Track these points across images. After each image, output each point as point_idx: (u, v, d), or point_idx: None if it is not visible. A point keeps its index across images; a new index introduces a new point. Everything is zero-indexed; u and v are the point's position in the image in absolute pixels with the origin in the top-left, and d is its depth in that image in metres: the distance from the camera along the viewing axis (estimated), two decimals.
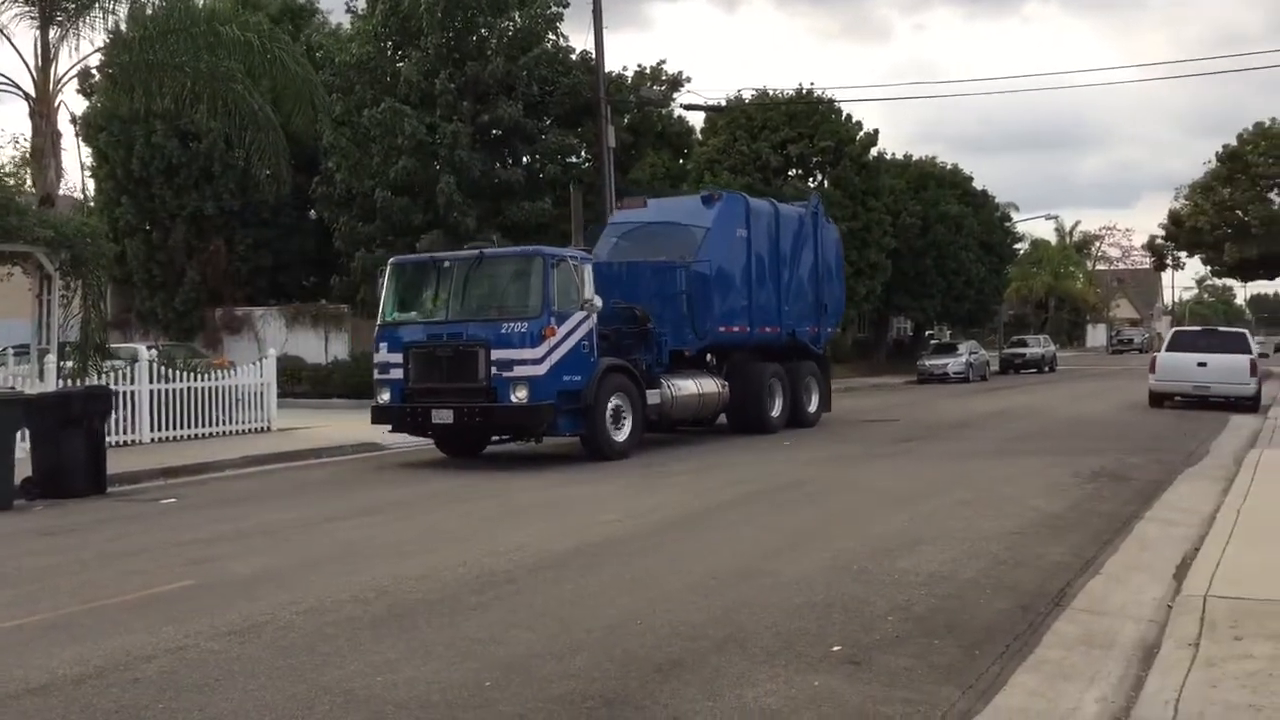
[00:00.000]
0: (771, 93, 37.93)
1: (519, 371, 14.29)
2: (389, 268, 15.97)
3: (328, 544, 9.43)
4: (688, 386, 17.42)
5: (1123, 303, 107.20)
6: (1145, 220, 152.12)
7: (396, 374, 15.06)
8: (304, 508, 11.62)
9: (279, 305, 28.32)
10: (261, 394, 19.08)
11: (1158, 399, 24.48)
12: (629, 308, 16.65)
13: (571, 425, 15.02)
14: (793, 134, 36.28)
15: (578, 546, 8.99)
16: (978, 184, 52.29)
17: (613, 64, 31.99)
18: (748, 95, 37.64)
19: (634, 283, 17.11)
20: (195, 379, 18.09)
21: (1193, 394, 23.92)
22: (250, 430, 18.79)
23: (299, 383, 25.39)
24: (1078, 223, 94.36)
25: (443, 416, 14.66)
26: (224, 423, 18.37)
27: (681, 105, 26.56)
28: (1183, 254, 48.44)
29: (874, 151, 38.04)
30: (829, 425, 20.48)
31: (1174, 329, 28.41)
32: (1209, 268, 48.27)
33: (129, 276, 28.58)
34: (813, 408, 20.51)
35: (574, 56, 25.85)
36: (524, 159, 25.37)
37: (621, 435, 15.53)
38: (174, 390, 17.59)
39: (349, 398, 24.41)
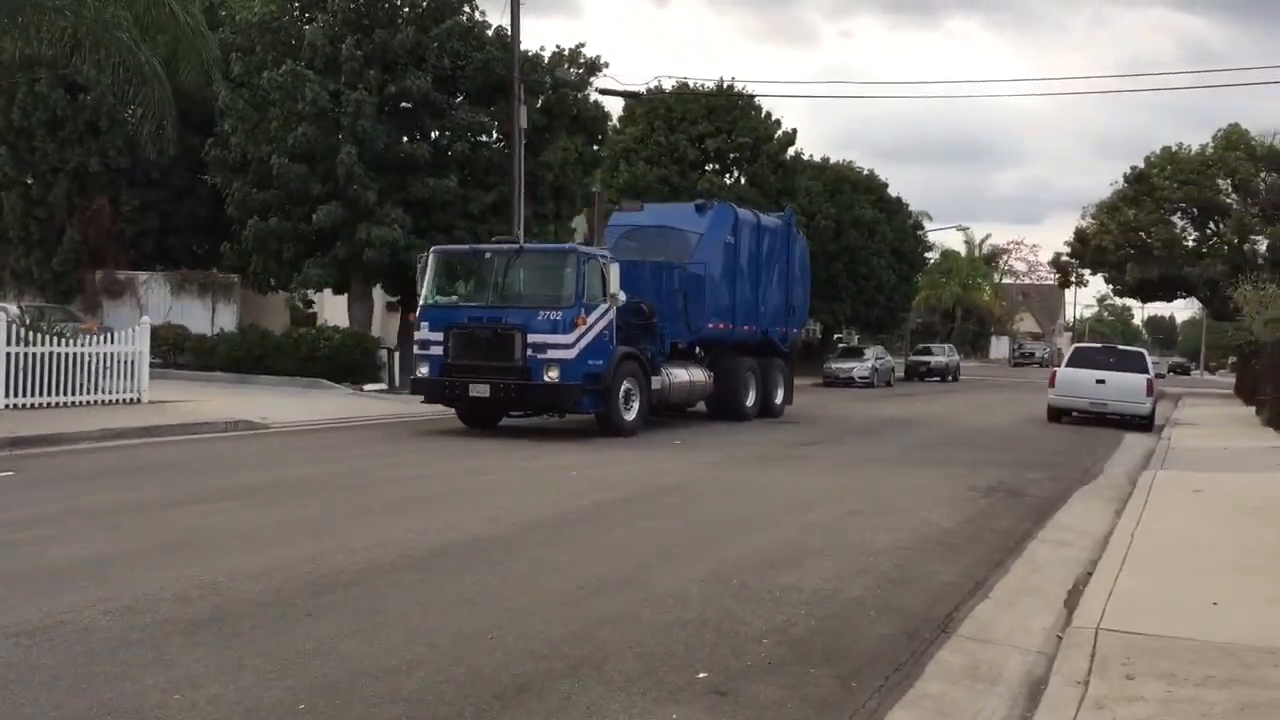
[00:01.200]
0: (692, 85, 37.49)
1: (552, 354, 15.99)
2: (432, 255, 17.44)
3: (167, 530, 8.61)
4: (682, 375, 19.19)
5: (1026, 316, 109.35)
6: (1052, 237, 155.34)
7: (436, 350, 16.62)
8: (154, 488, 10.73)
9: (165, 271, 26.97)
10: (133, 363, 17.98)
11: (1056, 414, 24.56)
12: (637, 302, 17.93)
13: (592, 404, 16.76)
14: (711, 128, 35.88)
15: (444, 545, 8.33)
16: (892, 191, 52.69)
17: (532, 44, 31.14)
18: (668, 86, 37.18)
19: (636, 280, 18.02)
20: (60, 344, 16.94)
21: (1090, 410, 24.05)
22: (119, 401, 17.69)
23: (182, 354, 24.21)
24: (988, 236, 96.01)
25: (479, 390, 16.32)
26: (90, 392, 17.24)
27: (598, 90, 25.91)
28: (1086, 271, 49.18)
29: (791, 151, 37.80)
30: (726, 426, 20.05)
31: (1074, 345, 28.64)
32: (1111, 286, 49.10)
33: (4, 232, 26.99)
34: (779, 400, 22.45)
35: (490, 32, 24.99)
36: (432, 134, 24.42)
37: (631, 415, 17.30)
38: (35, 354, 16.43)
39: (234, 371, 23.32)
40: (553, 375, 16.01)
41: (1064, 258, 49.58)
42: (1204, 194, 44.18)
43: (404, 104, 24.22)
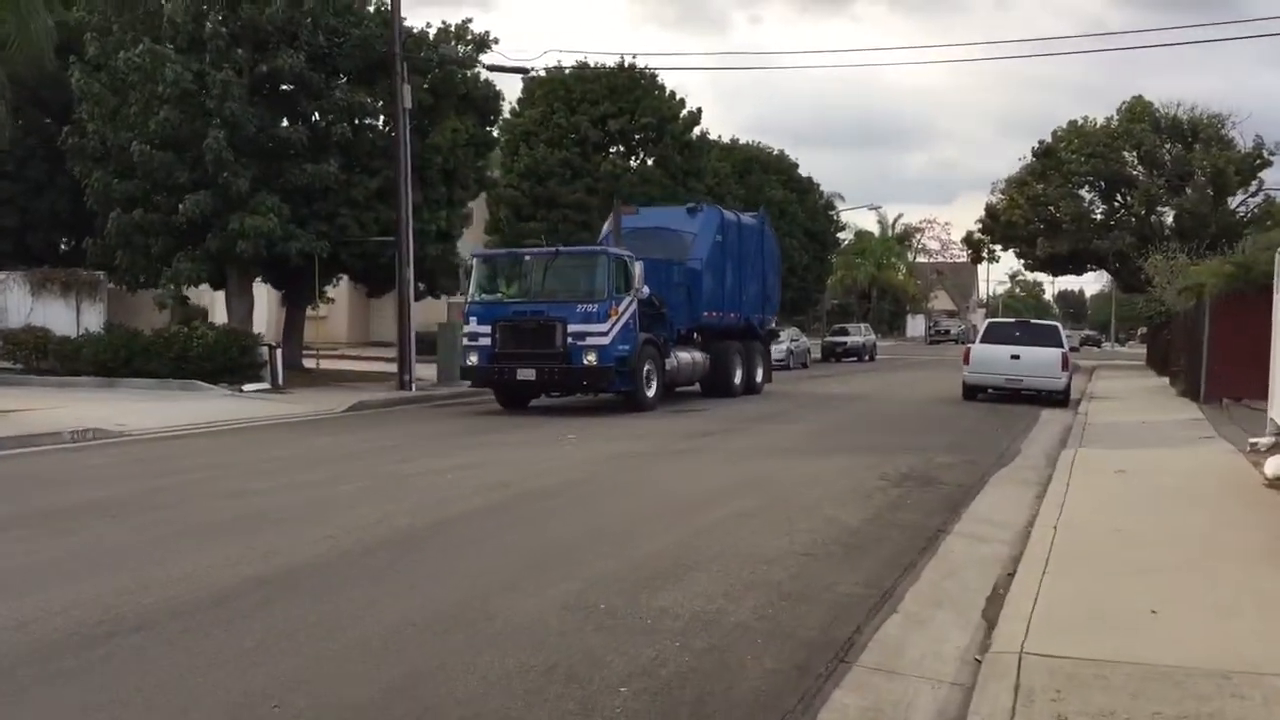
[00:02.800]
0: (593, 65, 36.22)
1: (590, 341, 18.55)
2: (475, 260, 20.31)
3: None
4: (686, 358, 21.71)
5: (941, 294, 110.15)
6: (964, 216, 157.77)
7: (485, 342, 19.08)
8: None
9: (25, 270, 25.02)
10: None
11: (971, 391, 23.87)
12: (650, 295, 19.99)
13: (622, 383, 19.14)
14: (613, 108, 34.69)
15: (264, 575, 7.06)
16: (803, 171, 52.10)
17: (417, 21, 29.39)
18: (567, 65, 35.91)
19: (646, 275, 19.69)
20: None
21: (1005, 387, 23.38)
22: None
23: (44, 358, 22.37)
24: (900, 215, 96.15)
25: (526, 374, 18.86)
26: None
27: (485, 66, 24.52)
28: (998, 247, 48.96)
29: (697, 130, 36.72)
30: (629, 415, 18.94)
31: (988, 320, 28.00)
32: (1022, 261, 48.91)
33: None
34: (759, 379, 25.04)
35: (370, 7, 23.51)
36: (313, 117, 22.85)
37: (651, 392, 19.84)
38: None
39: (102, 375, 21.58)
40: (591, 359, 18.49)
41: (975, 235, 49.29)
42: (1110, 166, 44.09)
43: (280, 85, 22.64)
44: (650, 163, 35.73)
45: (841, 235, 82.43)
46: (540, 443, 14.81)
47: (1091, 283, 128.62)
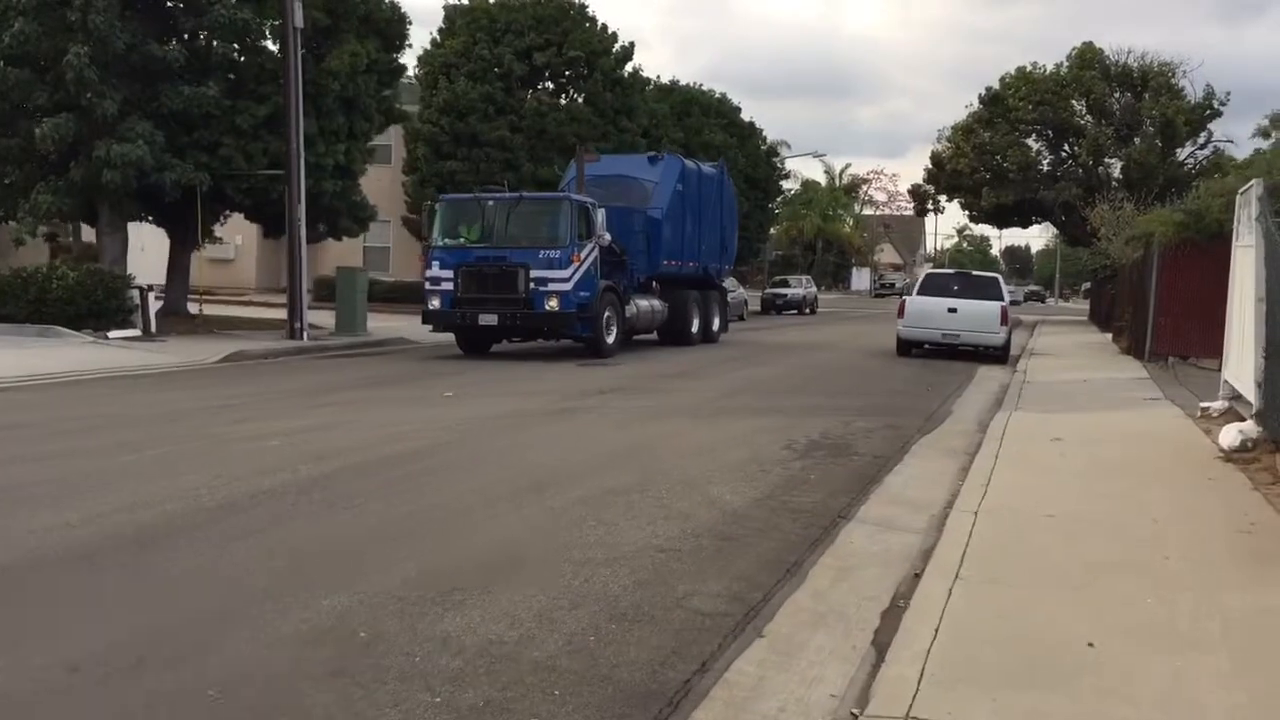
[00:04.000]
0: None
1: (552, 287, 18.50)
2: (441, 203, 20.07)
3: None
4: (645, 305, 21.82)
5: (887, 248, 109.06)
6: (913, 169, 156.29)
7: (447, 286, 19.02)
8: None
9: None
10: None
11: (905, 346, 22.48)
12: (611, 243, 19.87)
13: (583, 329, 19.14)
14: (539, 40, 32.60)
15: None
16: (747, 117, 50.25)
17: None
18: None
19: (608, 223, 19.63)
20: None
21: (941, 343, 21.99)
22: None
23: None
24: (848, 165, 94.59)
25: (488, 319, 18.83)
26: None
27: None
28: (943, 197, 47.56)
29: (630, 67, 34.75)
30: (537, 368, 17.28)
31: (926, 271, 26.60)
32: (967, 212, 47.53)
33: None
34: (716, 328, 25.34)
35: None
36: (199, 36, 20.66)
37: (611, 339, 19.87)
38: None
39: None
40: (553, 305, 18.46)
41: (921, 186, 47.89)
42: (1059, 115, 42.71)
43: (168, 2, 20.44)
44: (580, 99, 33.72)
45: (787, 185, 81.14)
46: (414, 401, 13.10)
47: (1037, 237, 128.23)
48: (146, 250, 32.54)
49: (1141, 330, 20.81)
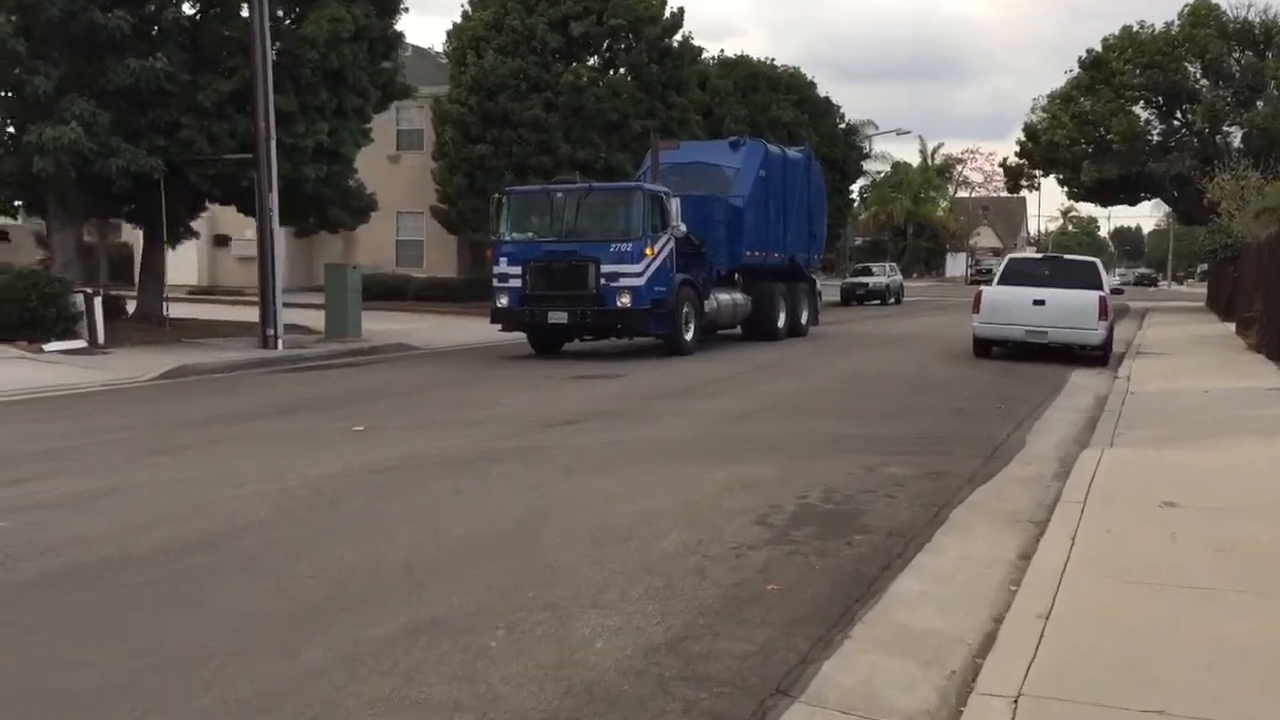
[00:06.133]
0: None
1: (624, 282, 17.41)
2: (507, 197, 18.75)
3: None
4: (726, 299, 20.59)
5: (986, 231, 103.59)
6: (1014, 148, 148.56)
7: (515, 283, 17.95)
8: None
9: None
10: None
11: (982, 346, 18.85)
12: (687, 233, 18.69)
13: (659, 326, 18.12)
14: (577, 8, 29.46)
15: None
16: (828, 95, 46.59)
17: None
18: None
19: (683, 213, 18.40)
20: None
21: (1027, 340, 18.32)
22: None
23: None
24: (940, 145, 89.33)
25: (558, 317, 17.77)
26: None
27: None
28: (1038, 173, 43.16)
29: (679, 36, 31.40)
30: (512, 381, 14.22)
31: (1008, 257, 22.81)
32: (1065, 189, 43.06)
33: None
34: (804, 321, 23.89)
35: None
36: (146, 4, 18.00)
37: (689, 335, 18.69)
38: None
39: None
40: (625, 301, 17.39)
41: (1013, 160, 43.62)
42: (1169, 78, 38.08)
43: None
44: (625, 74, 30.52)
45: (874, 167, 76.86)
46: (307, 439, 10.08)
47: (1147, 216, 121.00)
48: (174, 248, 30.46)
49: (1275, 324, 16.92)
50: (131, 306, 21.03)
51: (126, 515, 6.94)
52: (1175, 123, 40.25)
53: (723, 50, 41.91)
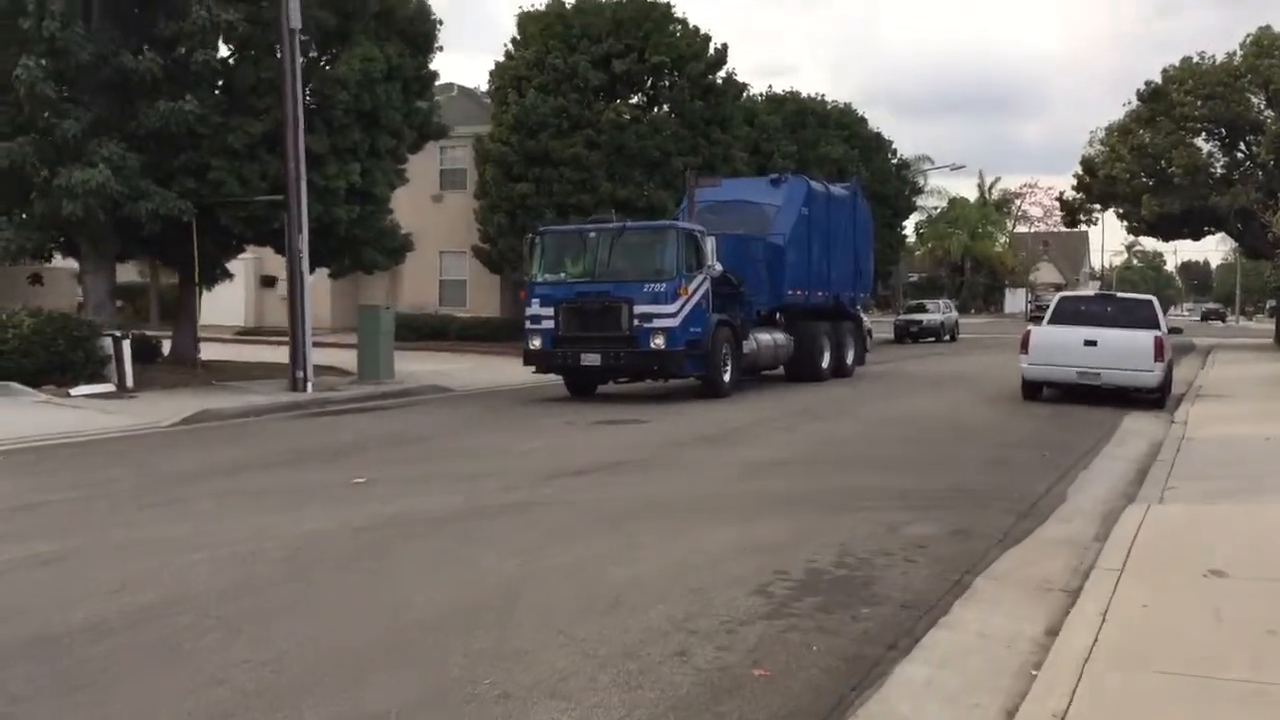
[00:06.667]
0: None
1: (658, 323, 17.07)
2: (540, 236, 18.50)
3: None
4: (767, 339, 20.18)
5: (1046, 266, 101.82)
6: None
7: (548, 324, 17.71)
8: None
9: None
10: None
11: (1031, 388, 18.07)
12: (725, 273, 18.38)
13: (695, 367, 17.72)
14: (619, 46, 29.21)
15: None
16: (880, 131, 45.98)
17: None
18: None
19: (722, 251, 18.13)
20: None
21: (1079, 383, 17.51)
22: None
23: None
24: (997, 179, 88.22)
25: (591, 359, 17.48)
26: None
27: None
28: (1096, 207, 42.04)
29: (723, 73, 31.03)
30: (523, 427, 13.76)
31: (1059, 295, 21.97)
32: (1125, 224, 41.88)
33: None
34: (850, 360, 23.24)
35: None
36: (178, 47, 17.92)
37: (726, 377, 18.23)
38: None
39: None
40: (659, 343, 17.06)
41: (1070, 194, 42.56)
42: (1232, 109, 36.91)
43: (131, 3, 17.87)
44: (668, 111, 30.16)
45: (930, 203, 75.87)
46: (298, 494, 9.61)
47: (1214, 250, 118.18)
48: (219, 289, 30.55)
49: None
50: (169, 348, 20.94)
51: (70, 583, 6.52)
52: (1239, 154, 39.05)
53: (770, 86, 41.53)
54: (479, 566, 6.90)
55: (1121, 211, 40.54)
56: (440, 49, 20.96)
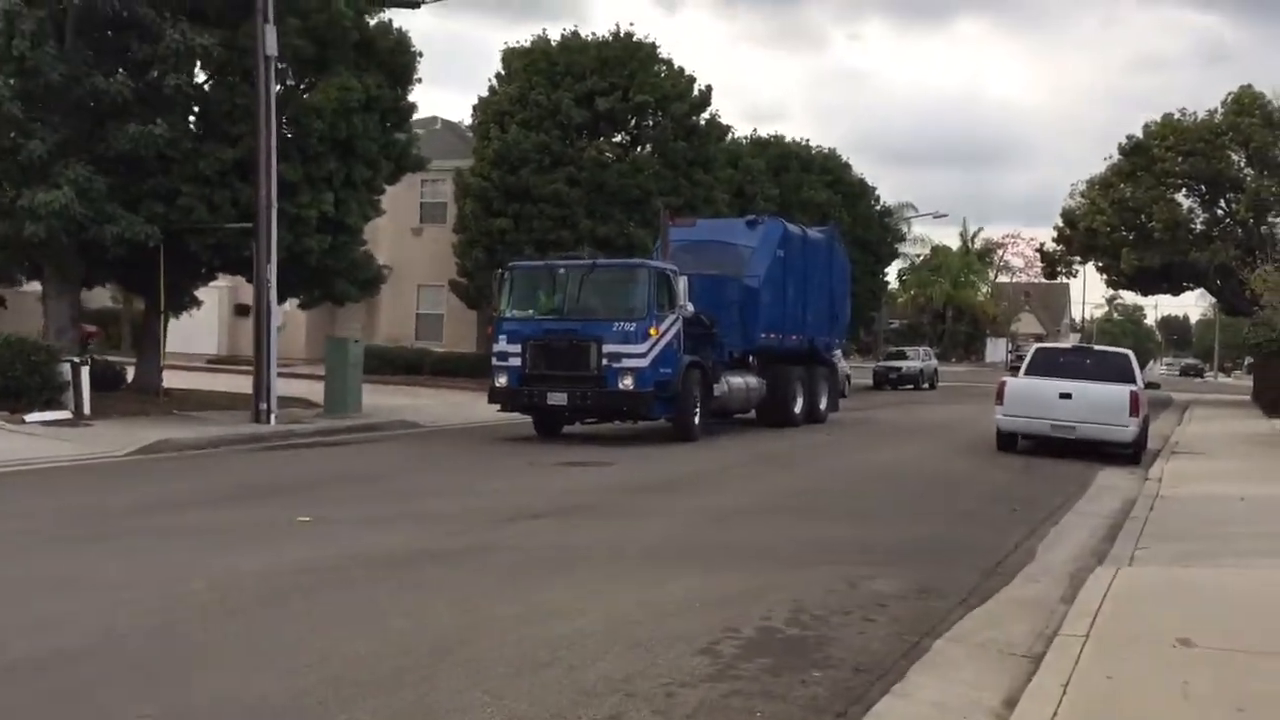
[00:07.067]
0: (589, 38, 30.79)
1: (627, 363, 16.69)
2: (510, 271, 18.33)
3: None
4: (739, 383, 19.72)
5: (1027, 317, 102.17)
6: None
7: (514, 362, 17.34)
8: None
9: None
10: None
11: (1006, 439, 17.85)
12: (698, 313, 18.18)
13: (663, 410, 17.32)
14: (603, 84, 29.12)
15: None
16: (864, 177, 46.00)
17: None
18: (556, 36, 30.63)
19: (695, 292, 17.96)
20: None
21: (1052, 436, 17.30)
22: None
23: None
24: (980, 229, 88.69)
25: (557, 399, 16.99)
26: None
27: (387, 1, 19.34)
28: (1076, 259, 42.12)
29: (707, 114, 30.98)
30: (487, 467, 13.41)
31: (1035, 346, 21.83)
32: (1104, 276, 41.97)
33: None
34: (823, 406, 22.93)
35: None
36: (150, 71, 17.63)
37: (695, 420, 17.87)
38: None
39: None
40: (627, 383, 16.67)
41: (1050, 246, 42.66)
42: (1212, 166, 37.18)
43: (107, 25, 17.61)
44: (650, 150, 30.07)
45: (914, 250, 76.09)
46: (232, 533, 9.23)
47: (1194, 305, 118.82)
48: (194, 317, 30.16)
49: None
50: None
51: None
52: (1219, 211, 39.27)
53: (755, 130, 41.54)
54: (415, 616, 6.55)
55: (1101, 264, 40.67)
56: (419, 81, 20.81)
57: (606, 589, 7.35)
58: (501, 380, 17.56)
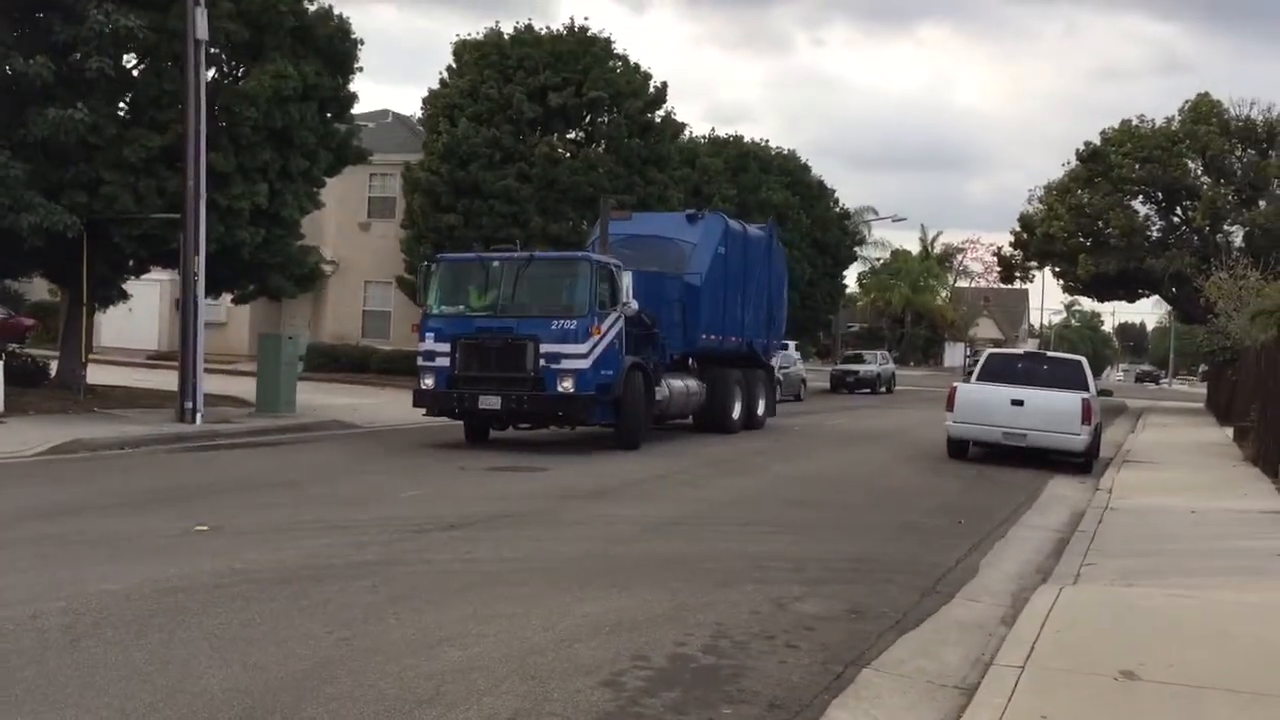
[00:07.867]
0: (542, 31, 30.18)
1: (566, 365, 15.56)
2: (438, 264, 17.20)
3: None
4: (680, 386, 18.83)
5: (986, 322, 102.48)
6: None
7: (442, 362, 16.13)
8: None
9: None
10: None
11: (957, 447, 17.46)
12: (639, 312, 17.05)
13: (604, 415, 16.23)
14: (556, 79, 28.53)
15: None
16: (823, 179, 45.66)
17: None
18: (509, 30, 30.00)
19: (635, 289, 16.78)
20: None
21: (1003, 443, 16.92)
22: None
23: None
24: (939, 233, 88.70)
25: (489, 403, 15.76)
26: None
27: None
28: (1033, 265, 41.99)
29: (662, 111, 30.44)
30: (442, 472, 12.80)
31: (987, 351, 21.46)
32: (1060, 282, 41.82)
33: None
34: (761, 412, 22.04)
35: None
36: (73, 53, 16.84)
37: (639, 426, 16.82)
38: None
39: None
40: (567, 386, 15.61)
41: (1007, 250, 42.52)
42: (1169, 174, 37.16)
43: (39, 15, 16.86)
44: (603, 148, 29.48)
45: (872, 254, 76.04)
46: (135, 540, 8.64)
47: (1150, 313, 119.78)
48: (134, 311, 29.26)
49: (1273, 436, 15.52)
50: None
51: None
52: (1175, 219, 39.30)
53: (713, 129, 41.07)
54: (291, 642, 5.95)
55: (1058, 270, 40.54)
56: (360, 69, 20.06)
57: (511, 611, 6.78)
58: (428, 382, 16.34)
